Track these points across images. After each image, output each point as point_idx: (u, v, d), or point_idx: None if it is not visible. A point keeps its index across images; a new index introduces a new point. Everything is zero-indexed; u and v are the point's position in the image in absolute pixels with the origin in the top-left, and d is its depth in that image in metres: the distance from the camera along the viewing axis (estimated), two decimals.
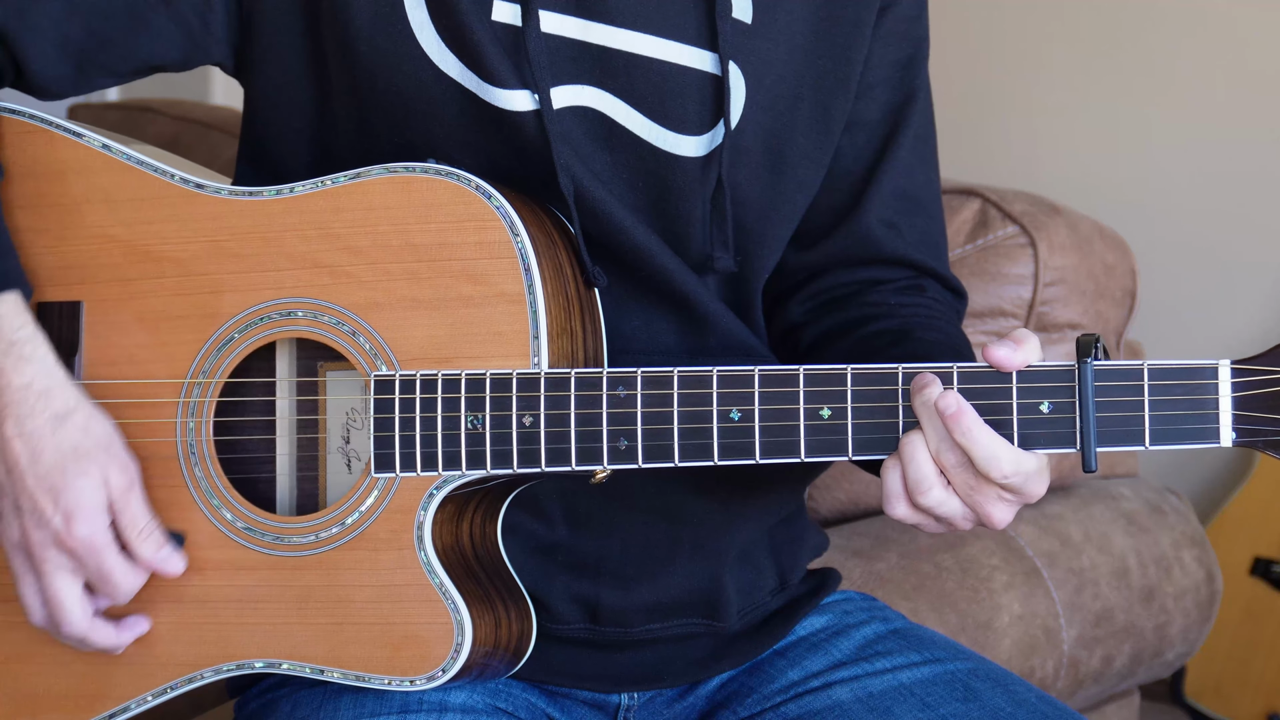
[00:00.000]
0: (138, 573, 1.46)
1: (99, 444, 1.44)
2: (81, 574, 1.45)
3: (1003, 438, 1.34)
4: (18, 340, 1.43)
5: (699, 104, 1.50)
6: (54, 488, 1.42)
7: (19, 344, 1.43)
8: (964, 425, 1.33)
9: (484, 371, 1.42)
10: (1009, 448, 1.34)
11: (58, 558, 1.43)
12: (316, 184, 1.45)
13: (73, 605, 1.45)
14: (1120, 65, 3.57)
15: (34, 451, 1.42)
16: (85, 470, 1.43)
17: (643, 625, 1.57)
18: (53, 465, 1.42)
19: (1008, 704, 1.53)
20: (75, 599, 1.45)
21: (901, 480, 1.36)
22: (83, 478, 1.43)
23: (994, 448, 1.33)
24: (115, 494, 1.44)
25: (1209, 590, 2.45)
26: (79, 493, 1.42)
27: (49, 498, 1.42)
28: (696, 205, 1.51)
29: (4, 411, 1.42)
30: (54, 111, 1.57)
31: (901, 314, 1.59)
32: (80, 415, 1.44)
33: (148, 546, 1.45)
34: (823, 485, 2.33)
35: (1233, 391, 1.31)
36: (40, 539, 1.43)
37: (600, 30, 1.48)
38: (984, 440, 1.33)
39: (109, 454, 1.44)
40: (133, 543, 1.45)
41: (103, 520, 1.44)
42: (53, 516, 1.42)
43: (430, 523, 1.43)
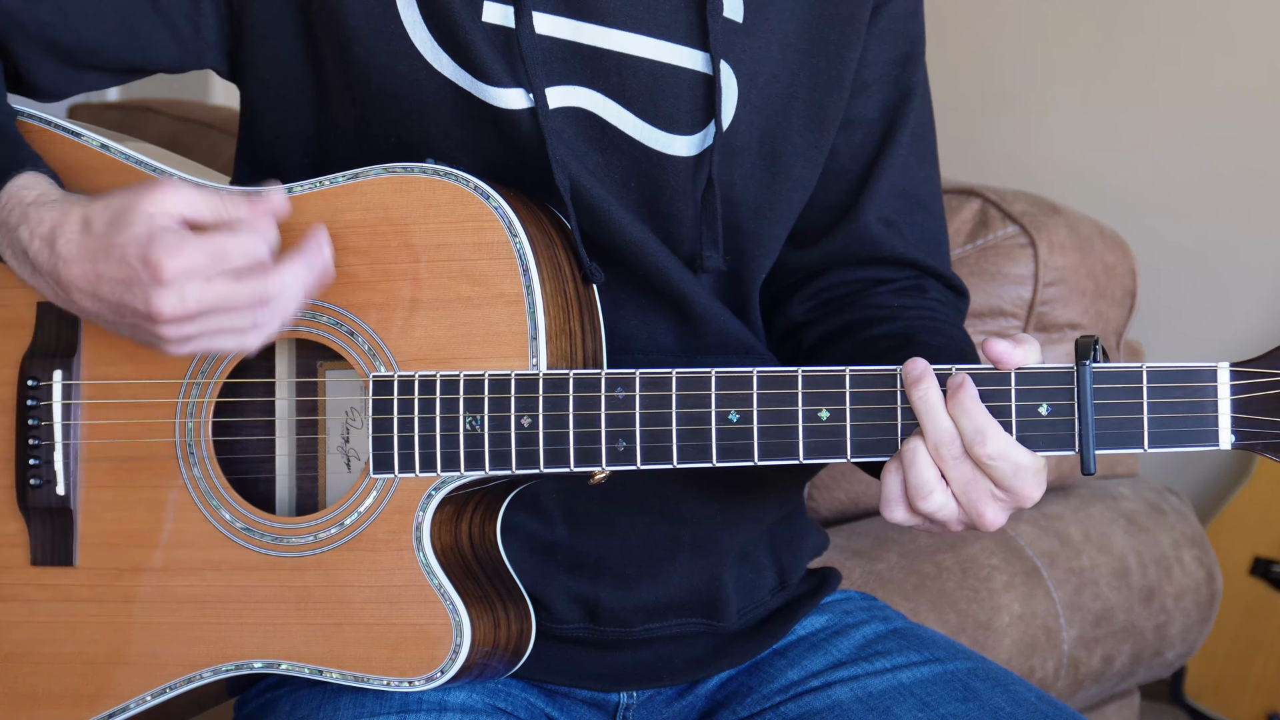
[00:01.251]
0: (248, 230, 1.35)
1: (122, 198, 1.35)
2: (212, 274, 1.33)
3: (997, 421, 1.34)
4: (32, 201, 1.39)
5: (691, 103, 1.50)
6: (120, 257, 1.33)
7: (34, 204, 1.38)
8: (961, 399, 1.33)
9: (482, 372, 1.42)
10: (999, 429, 1.33)
11: (185, 288, 1.33)
12: (315, 184, 1.45)
13: (240, 284, 1.33)
14: (1120, 65, 3.57)
15: (90, 255, 1.34)
16: (127, 221, 1.34)
17: (642, 625, 1.57)
18: (106, 246, 1.34)
19: (1008, 704, 1.53)
20: (232, 282, 1.33)
21: (901, 485, 1.36)
22: (128, 228, 1.33)
23: (983, 422, 1.33)
24: (170, 207, 1.34)
25: (1209, 590, 2.45)
26: (133, 236, 1.33)
27: (123, 267, 1.33)
28: (689, 205, 1.51)
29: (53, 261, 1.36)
30: (53, 111, 1.57)
31: (905, 317, 1.59)
32: (99, 201, 1.36)
33: (237, 206, 1.36)
34: (823, 485, 2.33)
35: (1232, 394, 1.31)
36: (160, 298, 1.32)
37: (591, 31, 1.48)
38: (977, 415, 1.33)
39: (136, 194, 1.35)
40: (226, 217, 1.35)
41: (170, 232, 1.33)
42: (139, 271, 1.32)
43: (429, 523, 1.43)
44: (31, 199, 1.39)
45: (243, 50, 1.53)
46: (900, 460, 1.35)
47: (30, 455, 1.52)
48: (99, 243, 1.34)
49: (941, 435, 1.34)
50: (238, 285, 1.34)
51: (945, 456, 1.34)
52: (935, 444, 1.34)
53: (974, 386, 1.34)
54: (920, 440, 1.34)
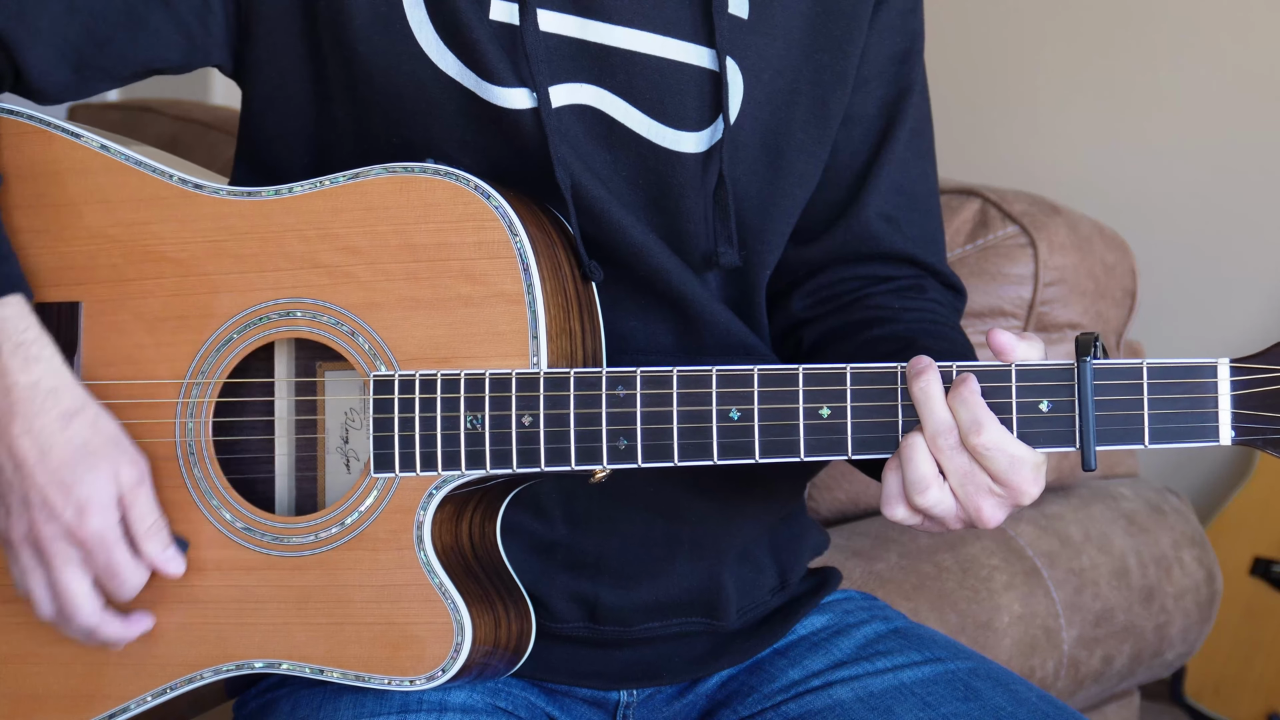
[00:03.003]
0: (142, 569, 1.46)
1: (109, 440, 1.44)
2: (90, 567, 1.45)
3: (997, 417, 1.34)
4: (24, 341, 1.43)
5: (697, 100, 1.50)
6: (65, 482, 1.42)
7: (25, 345, 1.43)
8: (961, 392, 1.34)
9: (483, 371, 1.42)
10: (995, 420, 1.33)
11: (68, 550, 1.43)
12: (315, 184, 1.45)
13: (83, 598, 1.45)
14: (1121, 65, 3.57)
15: (43, 448, 1.42)
16: (96, 465, 1.43)
17: (642, 624, 1.57)
18: (63, 461, 1.42)
19: (1008, 703, 1.53)
20: (85, 591, 1.45)
21: (901, 482, 1.36)
22: (94, 472, 1.43)
23: (979, 414, 1.33)
24: (125, 489, 1.44)
25: (1209, 590, 2.45)
26: (91, 486, 1.42)
27: (60, 492, 1.42)
28: (697, 202, 1.52)
29: (12, 410, 1.42)
30: (53, 112, 1.57)
31: (905, 319, 1.59)
32: (89, 412, 1.44)
33: (154, 544, 1.45)
34: (823, 485, 2.33)
35: (1232, 390, 1.31)
36: (50, 532, 1.43)
37: (598, 28, 1.48)
38: (975, 407, 1.33)
39: (119, 449, 1.45)
40: (140, 538, 1.45)
41: (114, 514, 1.44)
42: (64, 510, 1.42)
43: (430, 522, 1.43)
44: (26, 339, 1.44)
45: (248, 48, 1.53)
46: (899, 457, 1.36)
47: None
48: (63, 449, 1.43)
49: (938, 426, 1.34)
50: (79, 596, 1.45)
51: (942, 447, 1.34)
52: (932, 435, 1.34)
53: (977, 383, 1.34)
54: (918, 435, 1.35)
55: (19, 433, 1.42)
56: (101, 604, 1.46)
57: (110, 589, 1.45)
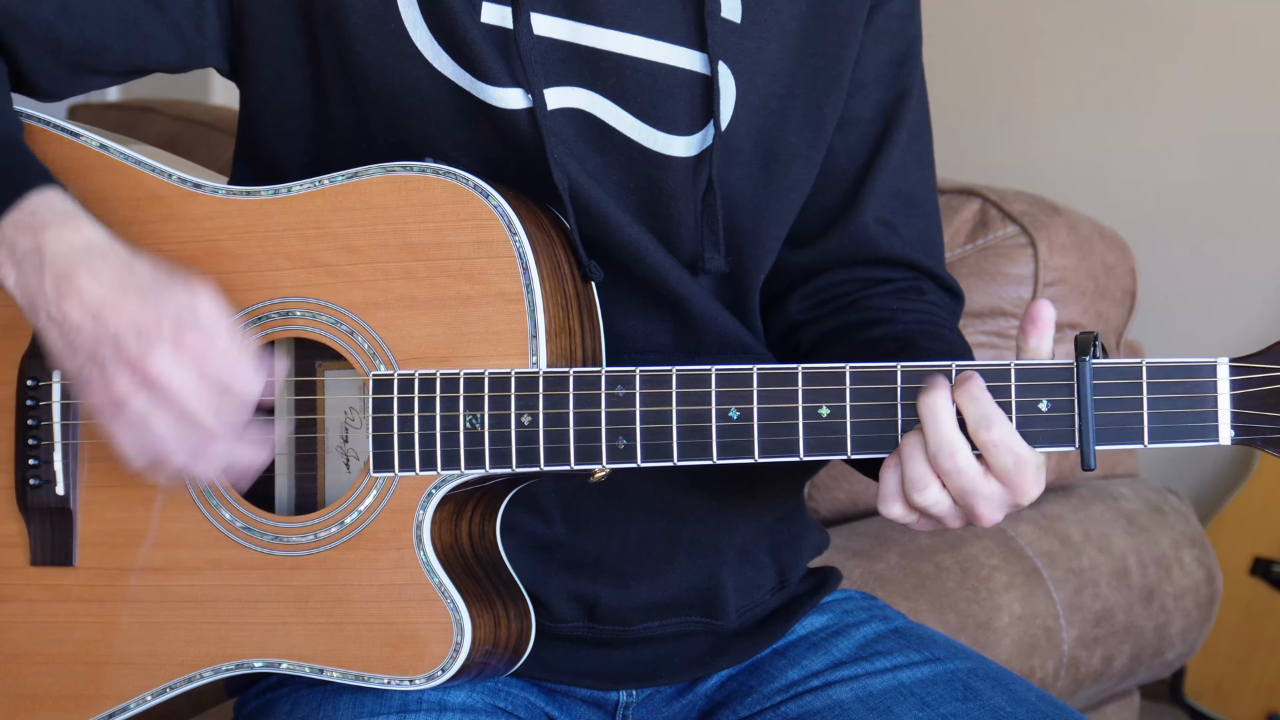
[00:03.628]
0: (253, 382, 1.39)
1: (172, 273, 1.38)
2: (211, 383, 1.36)
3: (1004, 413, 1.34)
4: (67, 211, 1.39)
5: (689, 104, 1.50)
6: (153, 305, 1.35)
7: (70, 214, 1.39)
8: (969, 388, 1.33)
9: (482, 371, 1.42)
10: (1004, 417, 1.33)
11: (184, 369, 1.35)
12: (314, 183, 1.45)
13: (215, 410, 1.37)
14: (1120, 65, 3.57)
15: (120, 288, 1.36)
16: (172, 286, 1.37)
17: (641, 623, 1.57)
18: (143, 293, 1.36)
19: (1008, 703, 1.53)
20: (215, 402, 1.36)
21: (899, 480, 1.36)
22: (172, 291, 1.36)
23: (989, 410, 1.33)
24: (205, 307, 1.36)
25: (1209, 590, 2.45)
26: (178, 299, 1.36)
27: (148, 311, 1.35)
28: (688, 206, 1.51)
29: (78, 266, 1.37)
30: (53, 111, 1.57)
31: (904, 320, 1.59)
32: (147, 259, 1.38)
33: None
34: (823, 485, 2.33)
35: (1231, 389, 1.31)
36: (160, 354, 1.34)
37: (589, 32, 1.48)
38: (984, 403, 1.33)
39: (185, 277, 1.38)
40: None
41: (211, 323, 1.36)
42: (163, 325, 1.34)
43: (429, 522, 1.43)
44: (69, 210, 1.39)
45: (243, 49, 1.53)
46: (898, 456, 1.35)
47: (30, 455, 1.52)
48: (136, 287, 1.35)
49: (940, 444, 1.33)
50: (211, 407, 1.36)
51: (943, 465, 1.34)
52: (934, 451, 1.34)
53: (982, 380, 1.34)
54: (917, 435, 1.34)
55: (86, 282, 1.36)
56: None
57: (232, 407, 1.38)
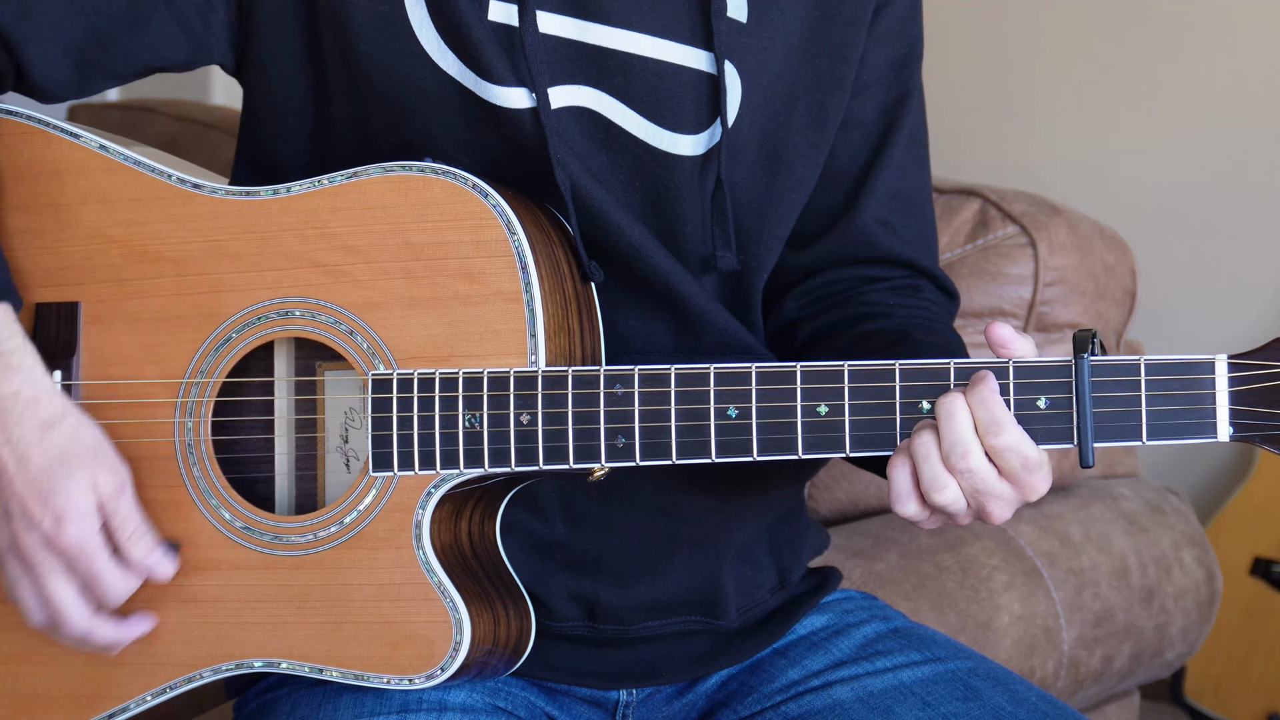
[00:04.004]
0: (129, 576, 1.46)
1: (87, 449, 1.44)
2: (74, 576, 1.45)
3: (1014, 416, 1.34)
4: (5, 350, 1.43)
5: (695, 103, 1.50)
6: (43, 491, 1.42)
7: (6, 354, 1.43)
8: (980, 391, 1.33)
9: (481, 370, 1.42)
10: (1014, 422, 1.33)
11: (50, 560, 1.43)
12: (313, 183, 1.45)
13: (70, 606, 1.45)
14: (1120, 65, 3.57)
15: (21, 458, 1.42)
16: (73, 474, 1.43)
17: (641, 623, 1.57)
18: (41, 470, 1.42)
19: (1008, 703, 1.53)
20: (72, 599, 1.45)
21: (911, 478, 1.36)
22: (70, 481, 1.42)
23: (999, 414, 1.33)
24: (105, 497, 1.44)
25: (1209, 590, 2.45)
26: (67, 495, 1.42)
27: (38, 501, 1.42)
28: (694, 204, 1.52)
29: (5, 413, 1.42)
30: (53, 112, 1.57)
31: (899, 315, 1.59)
32: (68, 422, 1.44)
33: (138, 549, 1.45)
34: (823, 485, 2.33)
35: (1230, 386, 1.31)
36: (31, 542, 1.43)
37: (596, 30, 1.48)
38: (994, 407, 1.33)
39: (97, 458, 1.44)
40: (124, 545, 1.45)
41: (93, 523, 1.43)
42: (42, 519, 1.42)
43: (429, 521, 1.43)
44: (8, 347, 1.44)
45: (248, 46, 1.53)
46: (910, 455, 1.35)
47: None
48: (41, 460, 1.43)
49: (954, 444, 1.34)
50: (67, 603, 1.45)
51: (955, 464, 1.34)
52: (948, 449, 1.34)
53: (995, 382, 1.34)
54: (931, 435, 1.34)
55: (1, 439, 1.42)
56: (91, 610, 1.46)
57: (97, 596, 1.45)
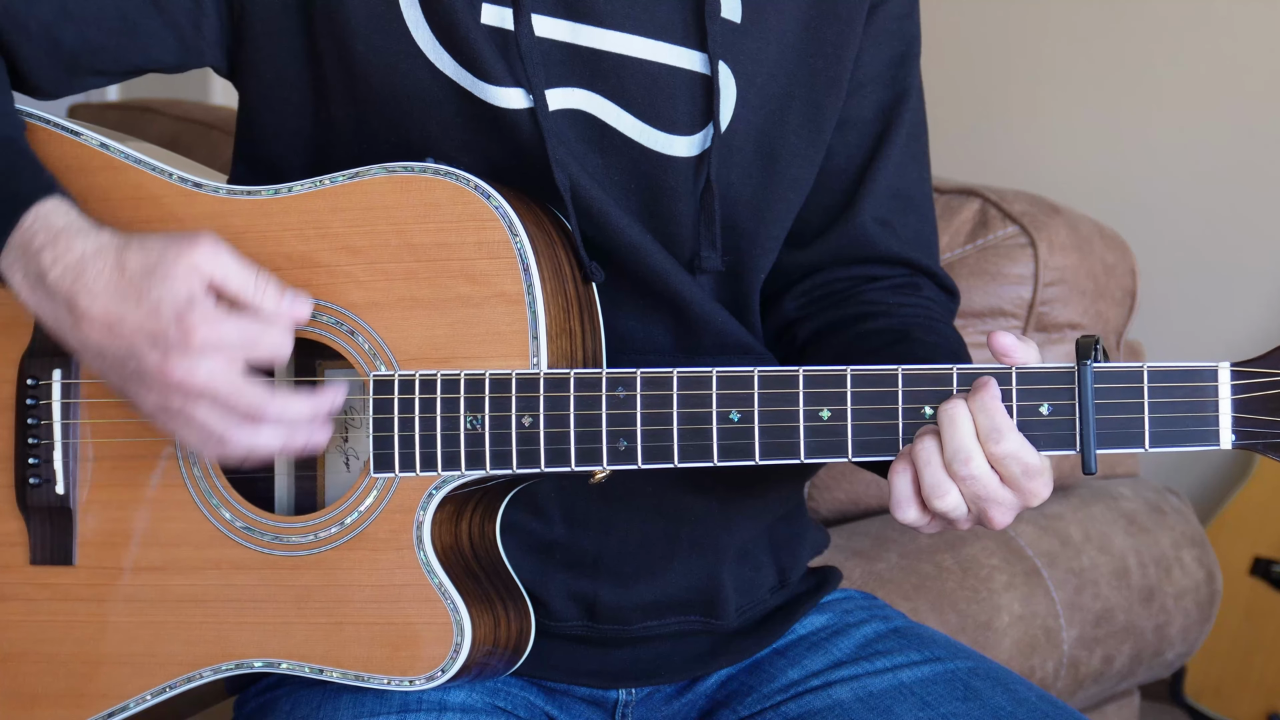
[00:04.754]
0: (275, 328, 1.39)
1: (160, 249, 1.38)
2: (234, 358, 1.37)
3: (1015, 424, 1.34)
4: (57, 228, 1.40)
5: (689, 104, 1.50)
6: (154, 308, 1.36)
7: (59, 230, 1.40)
8: (983, 397, 1.33)
9: (483, 372, 1.42)
10: (1014, 429, 1.33)
11: (202, 361, 1.36)
12: (314, 183, 1.45)
13: (248, 386, 1.37)
14: (1121, 65, 3.57)
15: (121, 295, 1.37)
16: (166, 275, 1.37)
17: (640, 622, 1.57)
18: (140, 293, 1.36)
19: (1008, 703, 1.53)
20: (244, 380, 1.37)
21: (912, 484, 1.36)
22: (166, 281, 1.36)
23: (1000, 421, 1.33)
24: (207, 273, 1.37)
25: (1209, 590, 2.45)
26: (174, 294, 1.36)
27: (154, 319, 1.36)
28: (688, 205, 1.51)
29: (74, 288, 1.38)
30: (53, 110, 1.56)
31: (899, 314, 1.59)
32: (133, 244, 1.39)
33: (268, 299, 1.39)
34: (823, 485, 2.33)
35: (1233, 394, 1.31)
36: (177, 359, 1.36)
37: (589, 32, 1.48)
38: (995, 414, 1.33)
39: (176, 247, 1.38)
40: (251, 300, 1.38)
41: (208, 301, 1.37)
42: (168, 329, 1.36)
43: (429, 522, 1.43)
44: (61, 225, 1.40)
45: (243, 49, 1.53)
46: (912, 461, 1.35)
47: (29, 454, 1.52)
48: (132, 287, 1.36)
49: (956, 450, 1.33)
50: (244, 385, 1.37)
51: (957, 470, 1.34)
52: (950, 456, 1.34)
53: (998, 388, 1.34)
54: (933, 441, 1.34)
55: (88, 304, 1.38)
56: (271, 386, 1.39)
57: (264, 355, 1.38)
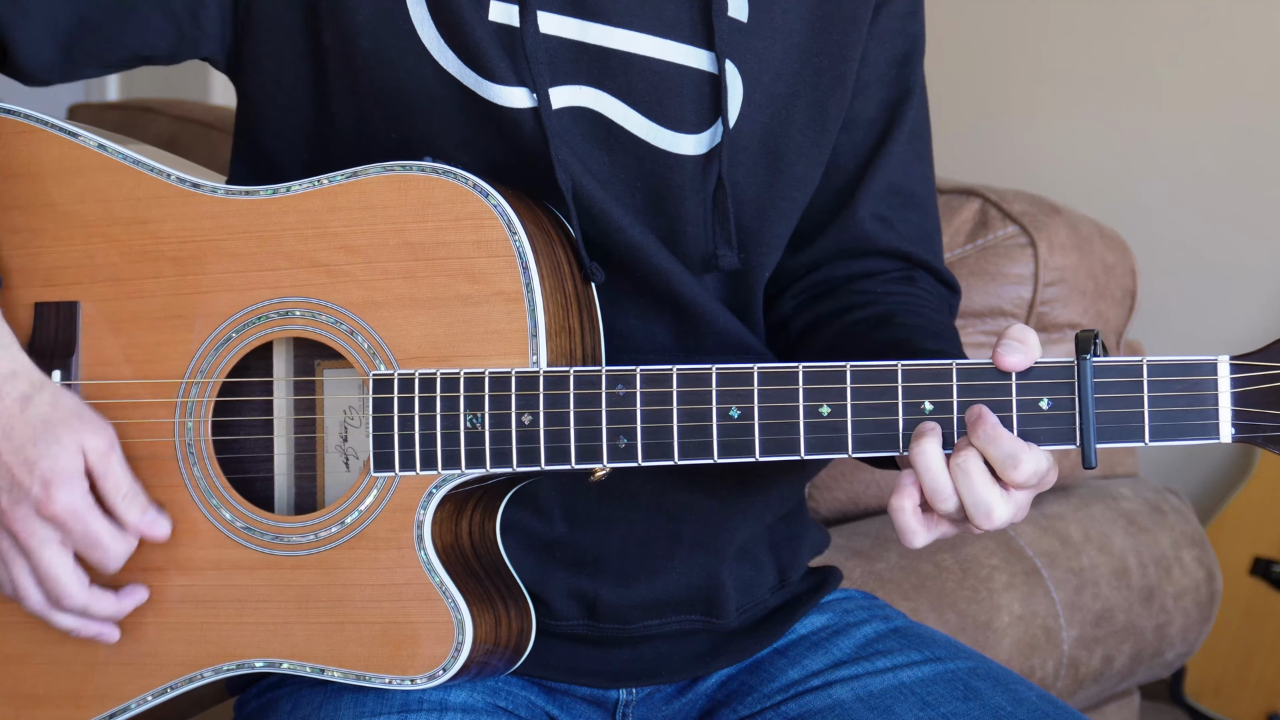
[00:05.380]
0: (125, 538, 1.45)
1: (70, 413, 1.43)
2: (69, 544, 1.44)
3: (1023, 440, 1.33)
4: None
5: (696, 103, 1.50)
6: (29, 459, 1.41)
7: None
8: (985, 430, 1.32)
9: (483, 370, 1.42)
10: (1026, 447, 1.33)
11: (43, 530, 1.43)
12: (313, 183, 1.45)
13: (67, 575, 1.44)
14: (1121, 65, 3.57)
15: (5, 430, 1.41)
16: (58, 438, 1.42)
17: (641, 622, 1.57)
18: (25, 439, 1.41)
19: (1008, 703, 1.53)
20: (68, 568, 1.44)
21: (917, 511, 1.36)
22: (56, 445, 1.42)
23: (1011, 447, 1.32)
24: (93, 458, 1.43)
25: (1209, 590, 2.45)
26: (54, 460, 1.41)
27: (25, 469, 1.41)
28: (695, 204, 1.52)
29: None
30: (52, 111, 1.56)
31: (886, 301, 1.59)
32: (47, 391, 1.43)
33: (133, 509, 1.44)
34: (823, 485, 2.33)
35: (1232, 387, 1.31)
36: (22, 514, 1.42)
37: (597, 30, 1.48)
38: (1004, 443, 1.32)
39: (81, 420, 1.44)
40: (117, 507, 1.44)
41: (81, 485, 1.43)
42: (31, 486, 1.41)
43: (430, 521, 1.43)
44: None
45: (245, 44, 1.53)
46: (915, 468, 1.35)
47: None
48: (24, 429, 1.42)
49: (936, 490, 1.34)
50: (62, 574, 1.44)
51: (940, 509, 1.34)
52: (931, 495, 1.34)
53: (993, 415, 1.33)
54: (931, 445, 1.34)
55: None
56: (87, 581, 1.45)
57: (95, 560, 1.44)
